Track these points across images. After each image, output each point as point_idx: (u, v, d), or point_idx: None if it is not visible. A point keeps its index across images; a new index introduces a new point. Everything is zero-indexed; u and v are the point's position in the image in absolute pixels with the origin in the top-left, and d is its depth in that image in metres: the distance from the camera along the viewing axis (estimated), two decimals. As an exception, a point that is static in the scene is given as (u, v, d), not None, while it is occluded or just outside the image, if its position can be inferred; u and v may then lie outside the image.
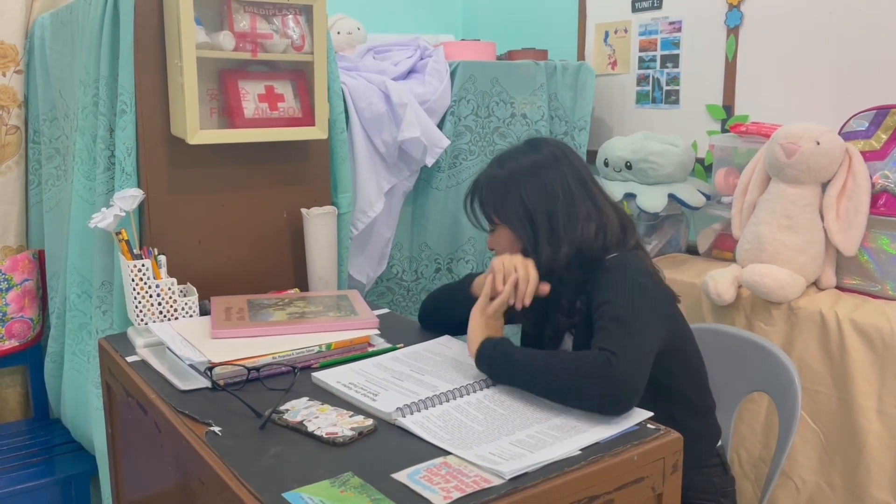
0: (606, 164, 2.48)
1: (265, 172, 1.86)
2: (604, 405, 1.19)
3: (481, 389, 1.28)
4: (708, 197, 2.42)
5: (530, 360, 1.29)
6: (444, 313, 1.64)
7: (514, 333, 1.54)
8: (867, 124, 2.06)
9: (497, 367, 1.32)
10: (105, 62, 1.70)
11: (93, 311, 1.84)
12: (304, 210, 1.88)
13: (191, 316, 1.64)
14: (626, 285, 1.36)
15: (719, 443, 1.59)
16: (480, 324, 1.39)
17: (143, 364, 1.46)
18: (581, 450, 1.08)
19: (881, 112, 2.04)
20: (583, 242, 1.43)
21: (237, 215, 1.84)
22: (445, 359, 1.44)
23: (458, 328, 1.56)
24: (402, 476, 1.02)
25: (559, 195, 1.45)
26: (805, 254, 1.98)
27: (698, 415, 1.52)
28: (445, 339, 1.55)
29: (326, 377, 1.34)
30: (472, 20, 3.38)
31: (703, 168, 2.58)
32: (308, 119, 1.80)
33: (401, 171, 2.33)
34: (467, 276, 1.65)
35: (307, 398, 1.27)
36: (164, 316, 1.61)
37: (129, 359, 1.49)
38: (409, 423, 1.16)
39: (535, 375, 1.26)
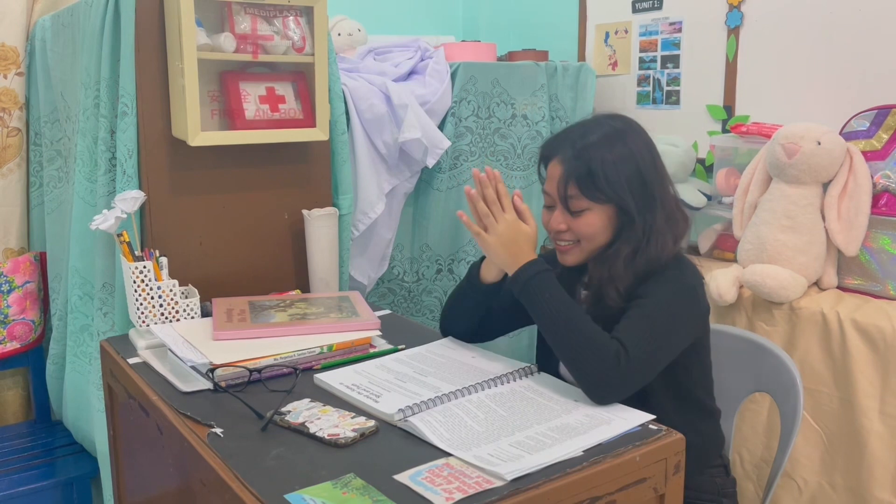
0: (607, 165, 2.47)
1: (266, 174, 1.86)
2: (592, 389, 1.24)
3: (483, 390, 1.28)
4: (709, 197, 2.42)
5: (557, 306, 1.31)
6: (462, 311, 1.57)
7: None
8: (868, 124, 2.06)
9: (528, 295, 1.34)
10: (106, 64, 1.70)
11: (94, 312, 1.84)
12: (305, 211, 1.88)
13: (192, 317, 1.64)
14: (675, 286, 1.37)
15: (724, 447, 1.59)
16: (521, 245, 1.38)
17: (145, 366, 1.46)
18: (583, 451, 1.08)
19: (882, 112, 2.04)
20: (680, 235, 1.43)
21: (238, 217, 1.84)
22: (448, 360, 1.44)
23: (481, 326, 1.55)
24: (404, 477, 1.02)
25: (668, 182, 1.44)
26: (806, 254, 1.98)
27: (706, 417, 1.52)
28: (448, 341, 1.55)
29: (329, 378, 1.34)
30: (473, 21, 3.38)
31: (704, 168, 2.58)
32: (309, 120, 1.80)
33: (402, 173, 2.32)
34: (471, 266, 1.58)
35: (309, 399, 1.27)
36: (166, 317, 1.61)
37: (131, 360, 1.49)
38: (411, 424, 1.16)
39: (554, 323, 1.31)
